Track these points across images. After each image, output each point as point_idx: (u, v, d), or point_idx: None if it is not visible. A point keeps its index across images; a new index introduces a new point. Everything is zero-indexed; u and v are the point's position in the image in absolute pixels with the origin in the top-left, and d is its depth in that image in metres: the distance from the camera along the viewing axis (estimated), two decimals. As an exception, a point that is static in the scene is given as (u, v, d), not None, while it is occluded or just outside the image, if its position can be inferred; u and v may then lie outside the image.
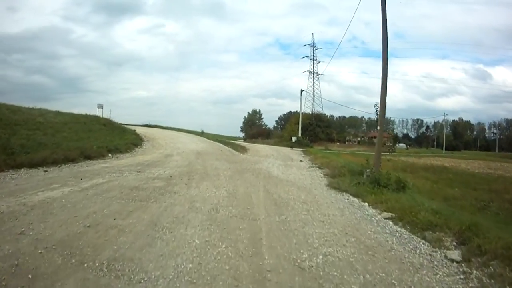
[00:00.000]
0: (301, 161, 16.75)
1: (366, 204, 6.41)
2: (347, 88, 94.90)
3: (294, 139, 36.97)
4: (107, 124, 19.04)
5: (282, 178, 9.81)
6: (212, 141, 24.98)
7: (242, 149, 20.61)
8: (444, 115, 72.64)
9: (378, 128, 8.99)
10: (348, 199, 6.96)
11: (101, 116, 21.30)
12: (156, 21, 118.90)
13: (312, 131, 47.70)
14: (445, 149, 62.05)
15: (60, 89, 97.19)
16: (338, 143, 50.29)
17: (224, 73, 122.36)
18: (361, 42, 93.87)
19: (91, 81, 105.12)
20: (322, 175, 10.90)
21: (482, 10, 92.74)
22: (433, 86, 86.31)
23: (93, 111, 21.19)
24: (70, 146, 11.07)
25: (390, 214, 5.59)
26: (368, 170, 8.32)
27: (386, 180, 7.79)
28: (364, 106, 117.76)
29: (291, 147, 29.91)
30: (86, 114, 19.35)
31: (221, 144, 22.90)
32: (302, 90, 41.95)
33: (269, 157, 17.64)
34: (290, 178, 9.80)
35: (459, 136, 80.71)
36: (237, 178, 9.17)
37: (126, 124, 25.74)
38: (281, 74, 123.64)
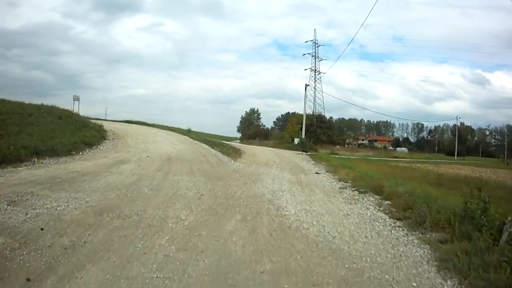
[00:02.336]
0: (317, 173, 11.47)
1: None
2: (344, 90, 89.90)
3: (296, 140, 31.50)
4: (64, 117, 15.32)
5: (313, 235, 4.33)
6: (196, 142, 19.19)
7: (235, 153, 15.20)
8: (457, 118, 67.05)
9: None
10: None
11: (60, 108, 17.37)
12: (155, 19, 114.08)
13: (313, 132, 42.27)
14: (448, 154, 57.92)
15: (59, 85, 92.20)
16: (338, 146, 44.96)
17: (222, 73, 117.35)
18: (359, 45, 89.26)
19: (90, 78, 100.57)
20: (386, 216, 5.35)
21: (480, 14, 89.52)
22: (432, 90, 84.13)
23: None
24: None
25: None
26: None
27: None
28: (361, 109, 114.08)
29: (303, 151, 24.04)
30: (42, 104, 16.20)
31: (206, 146, 17.16)
32: (306, 85, 36.46)
33: (272, 166, 12.33)
34: (332, 236, 4.31)
35: (462, 141, 76.29)
36: (203, 244, 3.85)
37: (100, 119, 21.75)
38: (278, 75, 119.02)
